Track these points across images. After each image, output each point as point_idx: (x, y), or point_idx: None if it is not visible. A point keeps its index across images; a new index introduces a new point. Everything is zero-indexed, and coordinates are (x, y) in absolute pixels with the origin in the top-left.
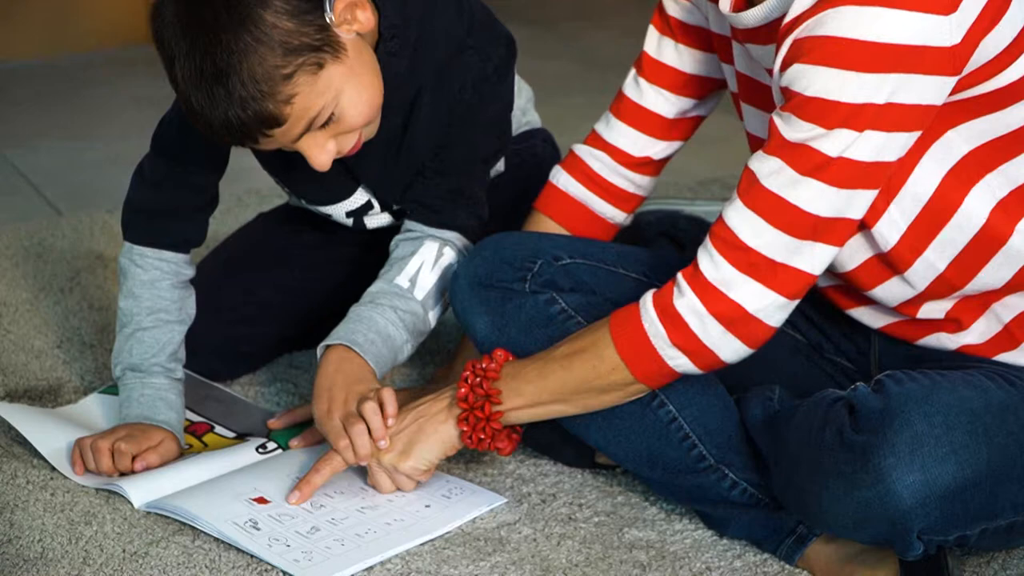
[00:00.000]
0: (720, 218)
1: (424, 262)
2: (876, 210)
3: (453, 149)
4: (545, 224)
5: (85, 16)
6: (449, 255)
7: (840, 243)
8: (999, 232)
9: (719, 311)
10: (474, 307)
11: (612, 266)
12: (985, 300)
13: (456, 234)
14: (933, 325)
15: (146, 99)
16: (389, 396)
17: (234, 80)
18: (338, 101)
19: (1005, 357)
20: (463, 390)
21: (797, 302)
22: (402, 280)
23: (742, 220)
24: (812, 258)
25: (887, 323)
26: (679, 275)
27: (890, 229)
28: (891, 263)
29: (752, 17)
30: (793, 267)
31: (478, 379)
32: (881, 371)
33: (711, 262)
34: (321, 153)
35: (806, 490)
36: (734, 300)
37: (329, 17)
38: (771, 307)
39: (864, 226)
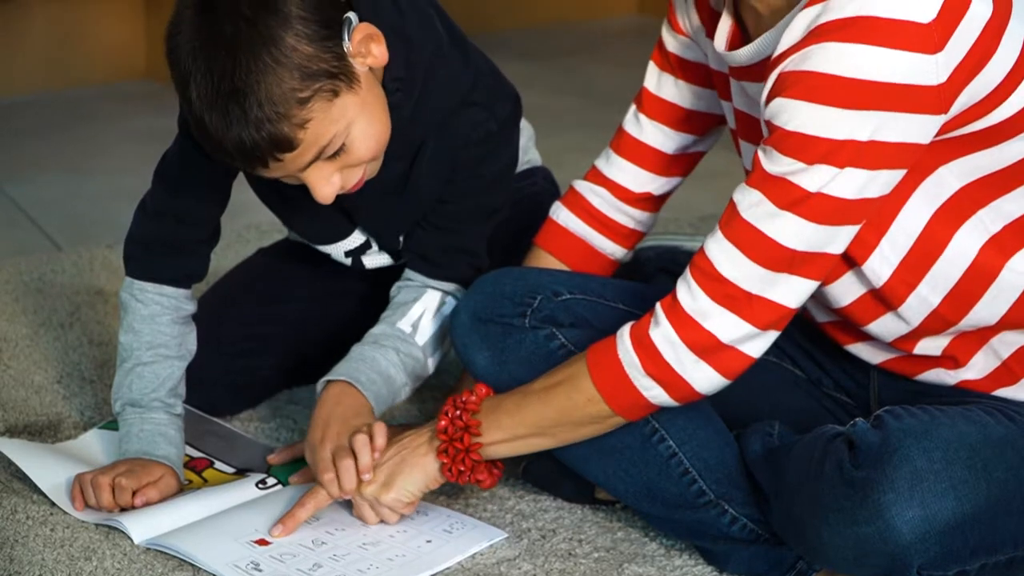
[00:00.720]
0: (701, 249)
1: (426, 309)
2: (867, 246)
3: (456, 205)
4: (545, 260)
5: (85, 51)
6: (451, 304)
7: (819, 277)
8: (990, 267)
9: (692, 340)
10: (474, 342)
11: (612, 301)
12: (982, 336)
13: (456, 286)
14: (931, 361)
15: (146, 133)
16: (380, 430)
17: (251, 100)
18: (349, 131)
19: (1004, 392)
20: (443, 422)
21: (776, 333)
22: (404, 325)
23: (720, 251)
24: (788, 291)
25: (885, 359)
26: (657, 305)
27: (882, 265)
28: (884, 299)
29: (744, 55)
30: (768, 299)
31: (458, 412)
32: (880, 406)
33: (688, 292)
34: (326, 186)
35: (806, 525)
36: (708, 330)
37: (347, 46)
38: (745, 338)
39: (855, 263)
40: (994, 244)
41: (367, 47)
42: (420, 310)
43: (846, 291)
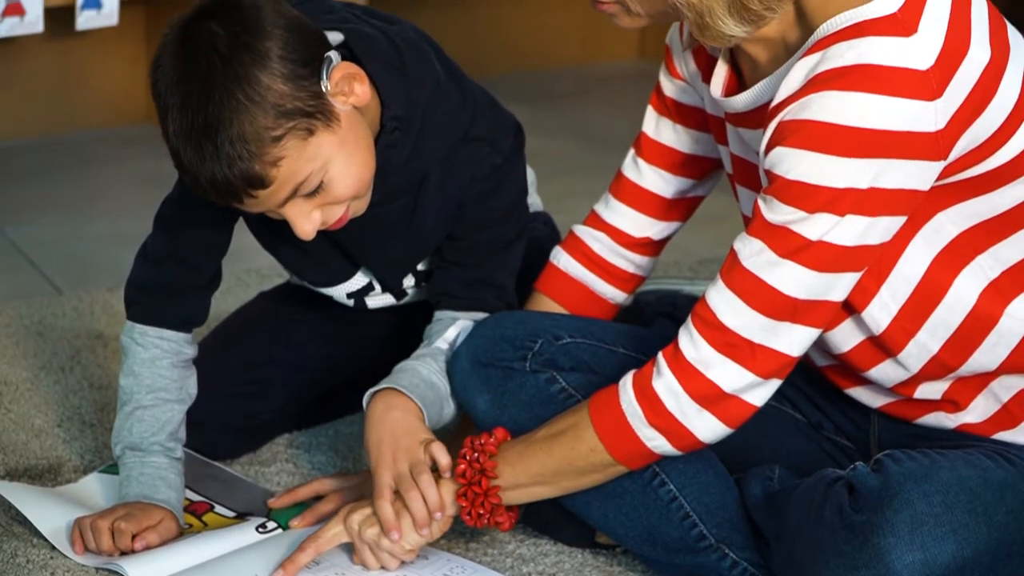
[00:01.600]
0: (702, 298)
1: (462, 331)
2: (866, 293)
3: (470, 240)
4: (545, 304)
5: (86, 94)
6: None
7: (821, 324)
8: (989, 314)
9: (694, 390)
10: (475, 385)
11: (612, 345)
12: (982, 380)
13: (487, 315)
14: (931, 405)
15: (147, 177)
16: (440, 450)
17: (223, 137)
18: (327, 170)
19: (1004, 436)
20: (462, 466)
21: (779, 382)
22: (441, 344)
23: (722, 300)
24: (791, 339)
25: (885, 403)
26: (659, 354)
27: (881, 312)
28: (884, 346)
29: (741, 102)
30: (771, 348)
31: (476, 454)
32: (881, 449)
33: (690, 341)
34: (306, 222)
35: (806, 568)
36: (710, 379)
37: (325, 85)
38: (748, 387)
39: (854, 310)
40: (993, 290)
41: (349, 86)
42: (455, 332)
43: (846, 338)
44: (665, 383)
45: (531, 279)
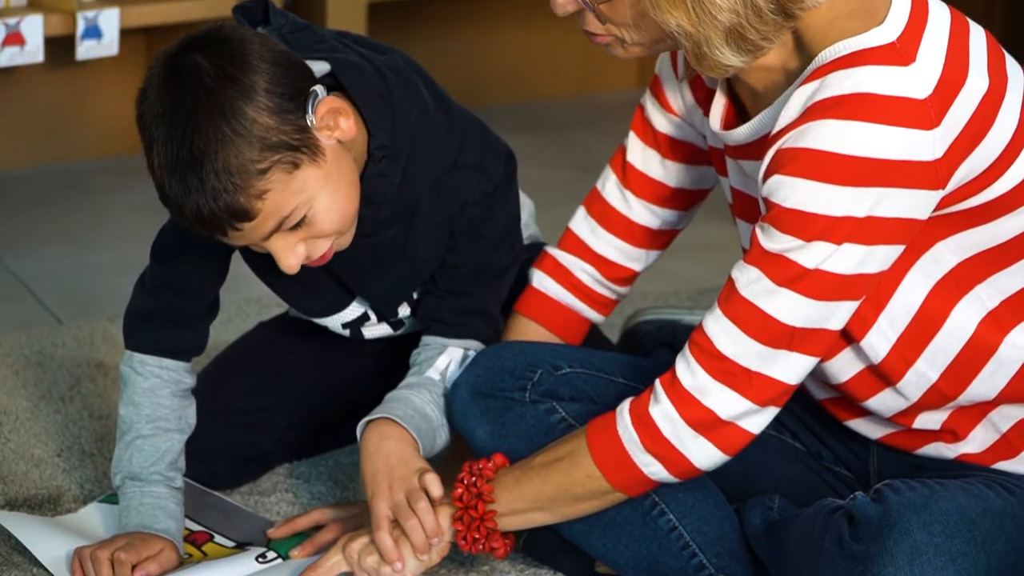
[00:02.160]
0: (700, 326)
1: (452, 360)
2: (865, 322)
3: (462, 268)
4: (529, 327)
5: (85, 124)
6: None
7: (819, 353)
8: (988, 343)
9: (691, 416)
10: (474, 415)
11: (611, 375)
12: (981, 410)
13: (477, 343)
14: (930, 435)
15: (147, 206)
16: (434, 481)
17: (208, 169)
18: (311, 204)
19: (1004, 465)
20: (459, 490)
21: (776, 410)
22: (433, 373)
23: (719, 328)
24: (788, 367)
25: (885, 433)
26: (657, 381)
27: (880, 341)
28: (883, 375)
29: (742, 134)
30: (768, 376)
31: (473, 478)
32: (881, 479)
33: (688, 369)
34: (290, 256)
35: None
36: (707, 407)
37: (310, 119)
38: (745, 414)
39: (853, 339)
40: (992, 319)
41: (334, 120)
42: (446, 361)
43: (844, 367)
44: (662, 410)
45: None
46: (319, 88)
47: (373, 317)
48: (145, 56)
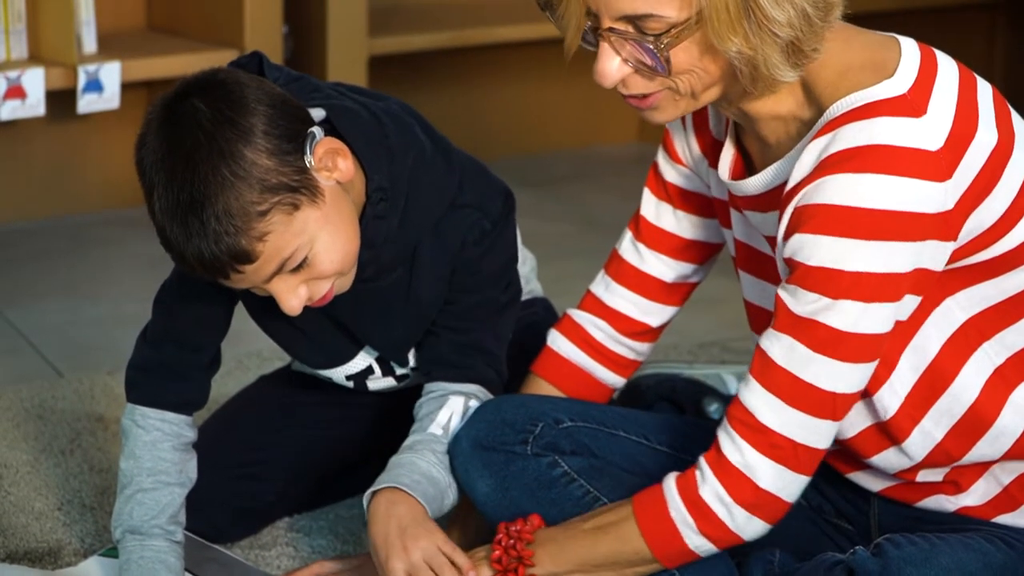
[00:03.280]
0: (737, 399)
1: (453, 412)
2: (878, 379)
3: (461, 304)
4: (542, 387)
5: (86, 177)
6: (476, 406)
7: (843, 417)
8: (993, 402)
9: (743, 498)
10: (476, 469)
11: (613, 429)
12: (985, 464)
13: (478, 387)
14: (932, 488)
15: (148, 260)
16: (456, 552)
17: (208, 212)
18: (312, 245)
19: (1004, 519)
20: (497, 552)
21: (811, 476)
22: (435, 429)
23: (760, 401)
24: (829, 433)
25: (886, 486)
26: (701, 459)
27: (891, 398)
28: (890, 432)
29: (753, 185)
30: (810, 446)
31: (512, 541)
32: (881, 532)
33: (733, 445)
34: (292, 297)
35: None
36: (758, 485)
37: (309, 160)
38: (792, 486)
39: (866, 393)
40: (998, 377)
41: (332, 161)
42: (447, 414)
43: (852, 423)
44: (712, 490)
45: (528, 362)
46: (316, 129)
47: (378, 371)
48: (146, 110)
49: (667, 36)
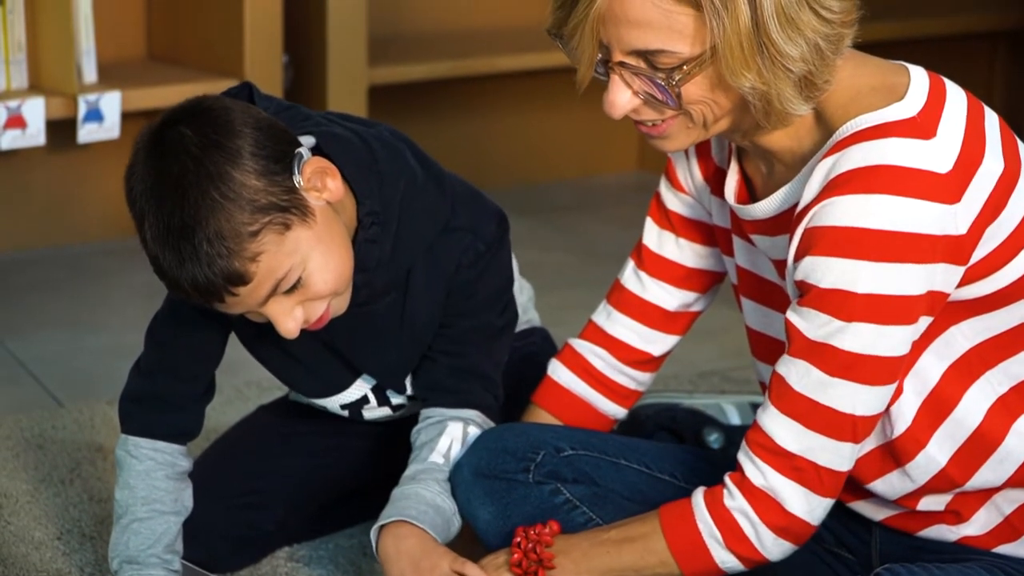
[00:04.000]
0: (756, 425)
1: (453, 439)
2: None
3: (458, 329)
4: (543, 418)
5: (87, 207)
6: (474, 432)
7: (864, 439)
8: (996, 430)
9: (773, 521)
10: (477, 497)
11: (614, 457)
12: (986, 492)
13: (475, 412)
14: (933, 517)
15: (147, 290)
16: (471, 567)
17: (200, 236)
18: (305, 265)
19: (1005, 549)
20: (516, 555)
21: (835, 499)
22: (436, 457)
23: (779, 425)
24: (847, 456)
25: (887, 515)
26: (727, 478)
27: (897, 419)
28: (895, 453)
29: (762, 209)
30: (834, 469)
31: (531, 545)
32: (882, 562)
33: (755, 468)
34: (288, 319)
35: None
36: (785, 508)
37: (297, 180)
38: (818, 509)
39: None
40: (1001, 405)
41: (321, 180)
42: (447, 441)
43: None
44: (739, 506)
45: (526, 392)
46: (303, 150)
47: (373, 400)
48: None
49: (678, 72)
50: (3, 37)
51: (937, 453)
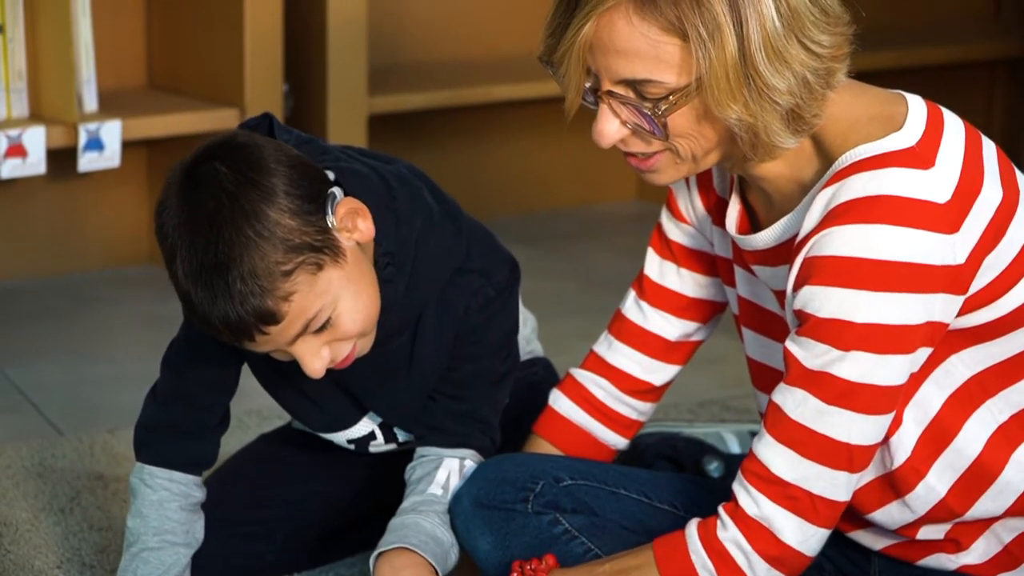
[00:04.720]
0: (751, 453)
1: (451, 472)
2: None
3: (462, 372)
4: (544, 448)
5: (87, 236)
6: (471, 468)
7: (861, 469)
8: (996, 459)
9: (766, 551)
10: (477, 527)
11: (613, 487)
12: (986, 522)
13: (472, 452)
14: (933, 546)
15: (149, 319)
16: None
17: (234, 274)
18: (336, 306)
19: None
20: None
21: (831, 529)
22: (435, 489)
23: (774, 454)
24: (843, 486)
25: (887, 545)
26: (721, 509)
27: (897, 449)
28: (895, 484)
29: (763, 240)
30: (830, 498)
31: None
32: None
33: (749, 498)
34: (316, 360)
35: None
36: (778, 538)
37: (331, 220)
38: (812, 539)
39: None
40: (1001, 434)
41: (353, 221)
42: (445, 474)
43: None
44: (732, 536)
45: (528, 422)
46: (336, 190)
47: (380, 437)
48: (147, 168)
49: (665, 102)
50: (4, 65)
51: (937, 483)
